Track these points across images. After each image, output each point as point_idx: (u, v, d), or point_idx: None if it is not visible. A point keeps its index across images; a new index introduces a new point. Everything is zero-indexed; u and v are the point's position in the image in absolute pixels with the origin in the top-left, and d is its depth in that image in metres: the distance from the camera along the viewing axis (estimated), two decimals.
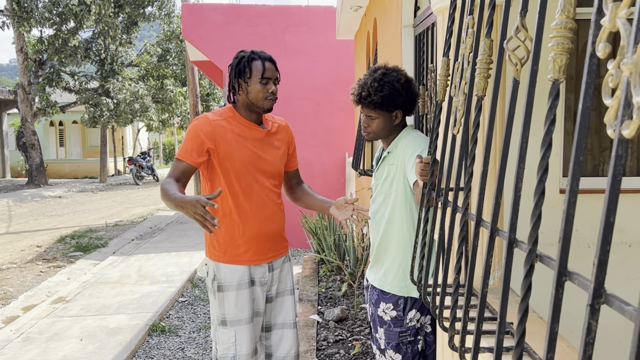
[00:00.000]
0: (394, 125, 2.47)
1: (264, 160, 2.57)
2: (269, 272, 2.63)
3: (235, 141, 2.51)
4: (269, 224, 2.60)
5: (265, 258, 2.61)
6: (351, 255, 5.62)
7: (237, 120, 2.56)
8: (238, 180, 2.51)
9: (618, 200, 0.71)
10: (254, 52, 2.52)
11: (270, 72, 2.49)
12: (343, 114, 9.22)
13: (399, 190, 2.41)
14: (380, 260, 2.52)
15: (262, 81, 2.47)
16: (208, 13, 9.29)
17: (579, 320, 0.91)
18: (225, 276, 2.56)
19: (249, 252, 2.56)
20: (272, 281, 2.67)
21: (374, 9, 5.51)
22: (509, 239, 1.07)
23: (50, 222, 12.01)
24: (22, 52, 19.09)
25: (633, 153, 3.60)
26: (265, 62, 2.49)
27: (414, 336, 2.44)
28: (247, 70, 2.48)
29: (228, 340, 2.55)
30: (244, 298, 2.55)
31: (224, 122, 2.53)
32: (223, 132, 2.50)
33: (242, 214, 2.54)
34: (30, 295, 6.34)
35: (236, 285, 2.55)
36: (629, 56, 0.66)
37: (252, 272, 2.58)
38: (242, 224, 2.54)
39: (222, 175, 2.51)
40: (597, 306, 0.73)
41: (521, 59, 1.14)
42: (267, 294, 2.68)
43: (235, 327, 2.54)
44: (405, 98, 2.41)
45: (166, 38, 21.43)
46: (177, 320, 5.30)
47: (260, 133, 2.59)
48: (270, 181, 2.61)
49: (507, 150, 1.16)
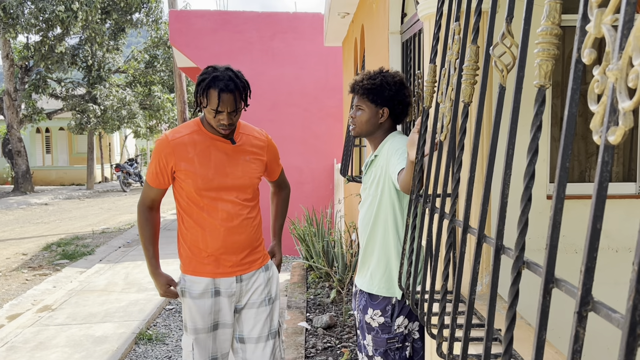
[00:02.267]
0: (379, 123, 2.47)
1: (229, 175, 2.50)
2: (236, 284, 2.57)
3: (197, 158, 2.46)
4: (234, 238, 2.53)
5: (231, 272, 2.56)
6: (340, 262, 5.61)
7: (203, 134, 2.49)
8: (201, 196, 2.47)
9: (605, 207, 0.71)
10: (216, 76, 2.34)
11: (224, 104, 2.33)
12: (331, 120, 9.23)
13: (384, 191, 2.42)
14: (366, 264, 2.52)
15: (215, 112, 2.35)
16: (195, 19, 9.28)
17: (567, 327, 0.91)
18: (188, 285, 2.57)
19: (212, 264, 2.54)
20: (242, 292, 2.60)
21: (361, 16, 5.52)
22: (496, 245, 1.07)
23: (36, 230, 11.90)
24: (8, 59, 18.95)
25: (620, 159, 3.62)
26: (222, 93, 2.32)
27: (402, 342, 2.43)
28: (203, 98, 2.37)
29: (187, 347, 2.58)
30: (205, 308, 2.54)
31: (186, 138, 2.47)
32: (184, 150, 2.45)
33: (205, 228, 2.50)
34: (15, 304, 6.27)
35: (199, 294, 2.54)
36: (614, 62, 0.66)
37: (217, 283, 2.56)
38: (205, 238, 2.51)
39: (185, 191, 2.50)
40: (585, 313, 0.72)
41: (507, 65, 1.14)
42: (236, 304, 2.62)
43: (193, 335, 2.55)
44: (394, 94, 2.43)
45: (153, 44, 21.36)
46: (165, 329, 5.26)
47: (227, 147, 2.51)
48: (237, 195, 2.53)
49: (494, 156, 1.16)
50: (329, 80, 9.22)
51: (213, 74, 2.35)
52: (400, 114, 2.51)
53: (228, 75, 2.35)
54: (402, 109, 2.50)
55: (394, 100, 2.45)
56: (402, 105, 2.48)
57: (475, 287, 1.23)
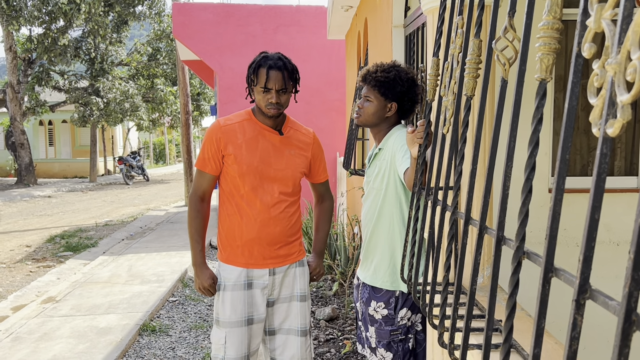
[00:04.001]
0: (385, 117, 2.47)
1: (273, 165, 2.54)
2: (269, 276, 2.58)
3: (246, 145, 2.51)
4: (269, 230, 2.54)
5: (264, 263, 2.56)
6: (342, 255, 5.64)
7: (253, 123, 2.56)
8: (243, 183, 2.51)
9: (603, 198, 0.73)
10: (266, 56, 2.47)
11: (272, 81, 2.42)
12: (334, 113, 9.23)
13: (389, 185, 2.42)
14: (370, 257, 2.53)
15: (264, 90, 2.43)
16: (198, 12, 9.28)
17: (567, 319, 0.92)
18: (223, 275, 2.58)
19: (245, 254, 2.55)
20: (274, 285, 2.60)
21: (364, 9, 5.52)
22: (497, 236, 1.08)
23: (39, 222, 11.94)
24: (11, 51, 18.95)
25: (622, 153, 3.63)
26: (271, 70, 2.42)
27: (405, 334, 2.44)
28: (254, 76, 2.46)
29: (219, 340, 2.55)
30: (238, 300, 2.53)
31: (236, 126, 2.55)
32: (234, 136, 2.52)
33: (243, 217, 2.53)
34: (19, 295, 6.30)
35: (231, 285, 2.54)
36: (613, 56, 0.68)
37: (250, 275, 2.56)
38: (241, 227, 2.53)
39: (229, 176, 2.54)
40: (582, 301, 0.74)
41: (509, 59, 1.16)
42: (269, 298, 2.61)
43: (226, 328, 2.53)
44: (405, 91, 2.43)
45: (156, 37, 21.35)
46: (168, 320, 5.29)
47: (275, 138, 2.57)
48: (278, 187, 2.56)
49: (496, 149, 1.18)
50: (331, 73, 9.22)
51: (263, 54, 2.50)
52: (408, 111, 2.52)
53: (277, 55, 2.49)
54: (411, 106, 2.50)
55: (405, 97, 2.45)
56: (411, 103, 2.49)
57: (477, 279, 1.25)
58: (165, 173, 29.15)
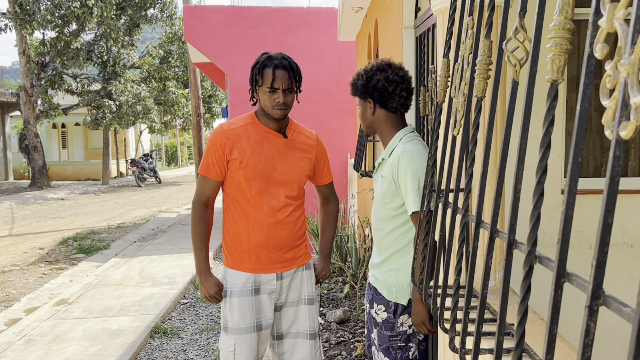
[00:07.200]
0: (377, 118, 2.38)
1: (278, 169, 2.53)
2: (277, 281, 2.56)
3: (251, 149, 2.49)
4: (276, 234, 2.53)
5: (271, 268, 2.55)
6: (353, 257, 5.62)
7: (256, 126, 2.54)
8: (249, 187, 2.49)
9: (616, 201, 0.71)
10: (270, 57, 2.46)
11: (278, 80, 2.40)
12: (345, 115, 9.22)
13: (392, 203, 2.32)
14: (376, 262, 2.48)
15: (270, 90, 2.41)
16: (209, 15, 9.30)
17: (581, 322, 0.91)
18: (230, 281, 2.56)
19: (253, 259, 2.53)
20: (281, 289, 2.59)
21: (375, 10, 5.51)
22: (509, 240, 1.07)
23: (52, 224, 12.03)
24: (25, 55, 19.12)
25: (636, 154, 3.59)
26: (277, 70, 2.40)
27: (405, 342, 2.35)
28: (259, 77, 2.44)
29: (228, 348, 2.53)
30: (246, 306, 2.52)
31: (240, 130, 2.52)
32: (238, 140, 2.50)
33: (249, 222, 2.52)
34: (32, 298, 6.35)
35: (238, 291, 2.52)
36: (626, 57, 0.66)
37: (257, 280, 2.54)
38: (248, 231, 2.52)
39: (235, 181, 2.52)
40: (596, 308, 0.73)
41: (520, 60, 1.14)
42: (276, 302, 2.60)
43: (235, 335, 2.51)
44: (366, 82, 2.33)
45: (168, 40, 21.46)
46: (179, 322, 5.31)
47: (279, 141, 2.55)
48: (284, 191, 2.55)
49: (507, 151, 1.16)
50: (342, 75, 9.20)
51: (266, 55, 2.49)
52: (383, 100, 2.34)
53: (281, 55, 2.49)
54: (381, 95, 2.32)
55: (368, 88, 2.33)
56: (379, 91, 2.31)
57: (488, 282, 1.23)
58: (177, 175, 29.27)
